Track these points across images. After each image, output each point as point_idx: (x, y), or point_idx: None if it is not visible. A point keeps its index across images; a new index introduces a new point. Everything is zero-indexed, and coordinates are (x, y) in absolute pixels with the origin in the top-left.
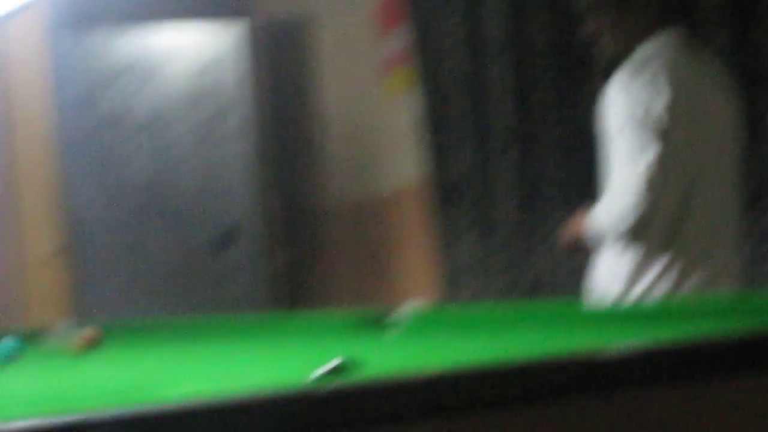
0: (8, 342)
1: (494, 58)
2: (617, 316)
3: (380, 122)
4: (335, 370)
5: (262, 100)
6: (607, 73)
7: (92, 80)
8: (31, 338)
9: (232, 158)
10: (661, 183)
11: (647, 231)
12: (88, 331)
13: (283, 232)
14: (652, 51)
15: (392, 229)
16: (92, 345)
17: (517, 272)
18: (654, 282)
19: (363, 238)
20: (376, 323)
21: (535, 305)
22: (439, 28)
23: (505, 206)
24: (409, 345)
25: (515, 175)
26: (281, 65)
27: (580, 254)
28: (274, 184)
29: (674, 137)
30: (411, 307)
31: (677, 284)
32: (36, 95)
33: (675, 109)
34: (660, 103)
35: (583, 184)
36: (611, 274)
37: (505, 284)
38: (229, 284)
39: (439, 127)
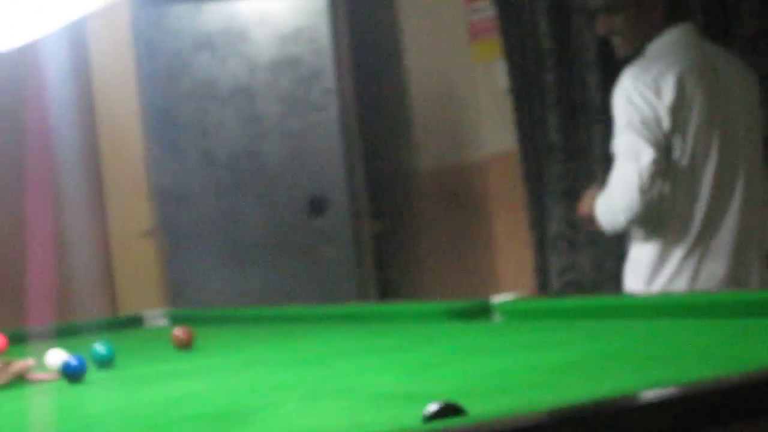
0: (99, 349)
1: (580, 29)
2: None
3: (468, 90)
4: (447, 410)
5: (348, 68)
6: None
7: (177, 53)
8: (126, 325)
9: (319, 127)
10: (654, 186)
11: (664, 225)
12: (180, 332)
13: (372, 201)
14: (662, 47)
15: (481, 197)
16: (185, 346)
17: (604, 245)
18: (672, 275)
19: (451, 206)
20: (475, 312)
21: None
22: None
23: (591, 180)
24: (511, 335)
25: (601, 149)
26: (367, 33)
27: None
28: (361, 152)
29: (684, 135)
30: (510, 296)
31: (694, 278)
32: (121, 69)
33: (679, 109)
34: (663, 104)
35: None
36: (634, 265)
37: (593, 257)
38: (318, 253)
39: (526, 97)
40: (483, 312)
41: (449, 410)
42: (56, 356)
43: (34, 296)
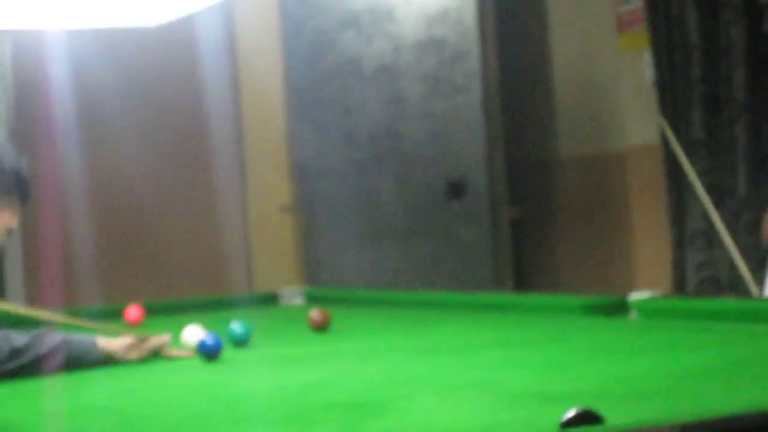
0: (236, 328)
1: (727, 25)
2: None
3: (612, 81)
4: (585, 418)
5: (492, 52)
6: None
7: (323, 30)
8: (262, 302)
9: (461, 109)
10: None
11: None
12: (316, 314)
13: (510, 187)
14: None
15: (620, 188)
16: (320, 329)
17: (745, 243)
18: None
19: (590, 197)
20: (611, 308)
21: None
22: None
23: (734, 176)
24: (647, 335)
25: (745, 146)
26: (513, 17)
27: None
28: (502, 137)
29: None
30: (647, 294)
31: None
32: (267, 45)
33: None
34: None
35: None
36: None
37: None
38: (455, 237)
39: (671, 91)
40: (619, 308)
41: (587, 418)
42: (193, 333)
43: (176, 270)
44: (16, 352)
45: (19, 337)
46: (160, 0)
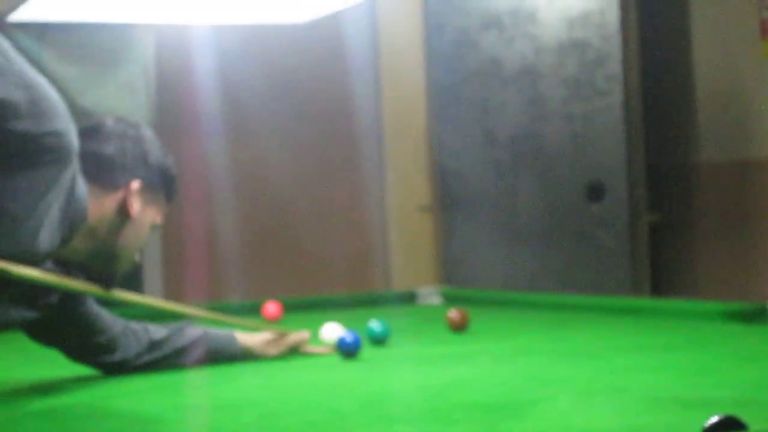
0: (375, 327)
1: None
2: None
3: (756, 87)
4: (728, 424)
5: (635, 56)
6: None
7: (465, 31)
8: (399, 301)
9: (602, 112)
10: None
11: None
12: (455, 314)
13: (650, 191)
14: None
15: (762, 196)
16: (459, 329)
17: None
18: None
19: (731, 203)
20: (751, 315)
21: None
22: None
23: None
24: None
25: None
26: (656, 21)
27: None
28: (643, 141)
29: None
30: None
31: None
32: (409, 44)
33: None
34: None
35: None
36: None
37: None
38: (593, 240)
39: None
40: (759, 315)
41: (730, 424)
42: (331, 330)
43: (315, 267)
44: (155, 344)
45: (158, 330)
46: None
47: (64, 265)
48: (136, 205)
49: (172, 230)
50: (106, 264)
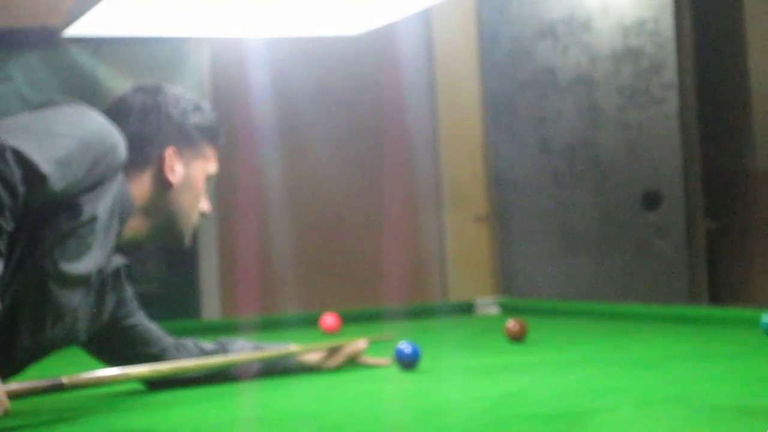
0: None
1: None
2: None
3: None
4: None
5: (690, 63)
6: None
7: (519, 40)
8: (457, 311)
9: (658, 120)
10: None
11: None
12: (513, 325)
13: (707, 198)
14: None
15: None
16: (517, 339)
17: None
18: None
19: None
20: None
21: None
22: None
23: None
24: None
25: None
26: (711, 29)
27: None
28: (699, 148)
29: None
30: None
31: None
32: (464, 54)
33: None
34: None
35: None
36: None
37: None
38: (650, 248)
39: None
40: None
41: None
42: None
43: (372, 278)
44: (207, 356)
45: (207, 344)
46: (361, 10)
47: (133, 247)
48: (177, 170)
49: (228, 243)
50: (169, 235)
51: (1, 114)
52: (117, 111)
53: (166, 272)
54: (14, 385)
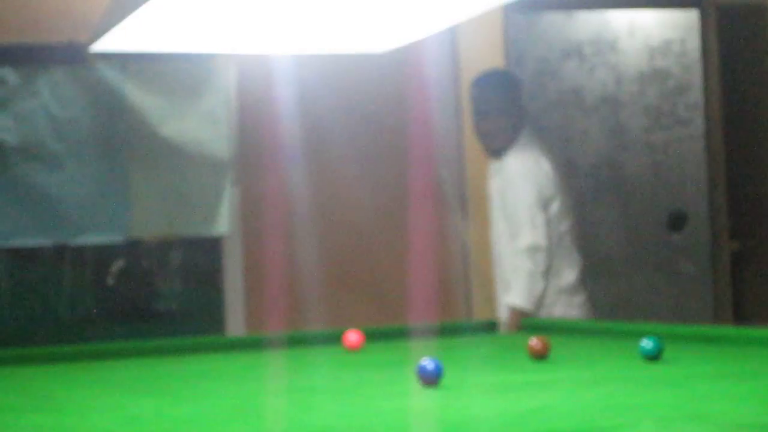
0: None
1: None
2: None
3: None
4: None
5: (716, 85)
6: None
7: (546, 60)
8: (481, 330)
9: (683, 141)
10: None
11: None
12: (536, 342)
13: (732, 219)
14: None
15: None
16: (540, 357)
17: None
18: None
19: None
20: None
21: None
22: None
23: None
24: None
25: None
26: (737, 50)
27: None
28: (724, 169)
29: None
30: None
31: None
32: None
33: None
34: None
35: None
36: None
37: None
38: (674, 269)
39: None
40: None
41: None
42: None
43: (396, 296)
44: None
45: None
46: (388, 27)
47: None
48: None
49: (254, 259)
50: None
51: (28, 130)
52: None
53: (190, 288)
54: None
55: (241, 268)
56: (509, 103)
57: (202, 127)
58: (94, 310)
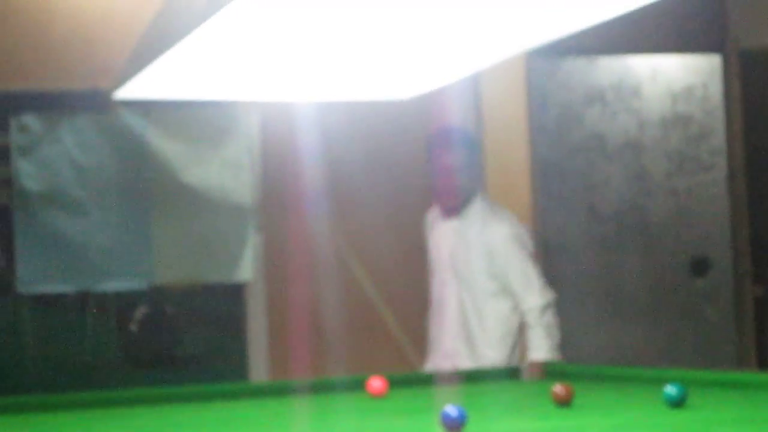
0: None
1: None
2: None
3: None
4: None
5: (738, 129)
6: None
7: (568, 105)
8: (504, 377)
9: (706, 186)
10: None
11: None
12: (560, 389)
13: (755, 263)
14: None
15: None
16: (564, 404)
17: None
18: None
19: None
20: None
21: None
22: None
23: None
24: None
25: None
26: (756, 96)
27: None
28: (747, 214)
29: None
30: None
31: None
32: (512, 119)
33: None
34: None
35: None
36: None
37: None
38: (698, 314)
39: None
40: None
41: None
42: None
43: (419, 342)
44: None
45: None
46: (410, 74)
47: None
48: None
49: (277, 305)
50: None
51: (51, 176)
52: None
53: (214, 334)
54: None
55: (264, 314)
56: (471, 160)
57: (225, 174)
58: (118, 356)
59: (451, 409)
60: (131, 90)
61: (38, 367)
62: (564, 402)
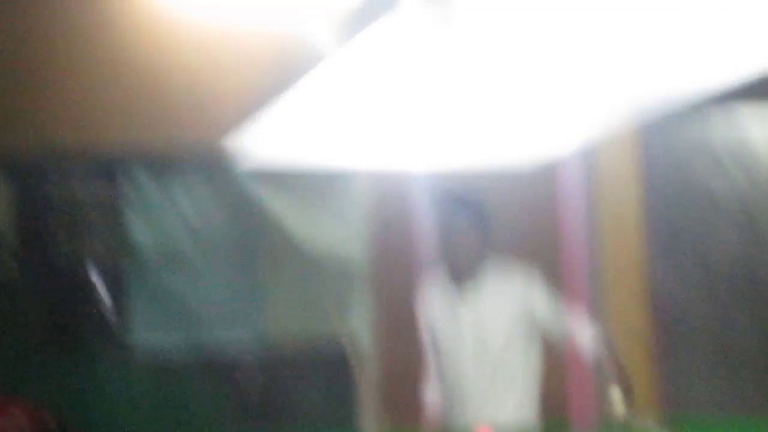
0: None
1: None
2: None
3: None
4: None
5: None
6: None
7: (682, 160)
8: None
9: None
10: None
11: None
12: None
13: None
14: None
15: None
16: None
17: None
18: None
19: None
20: None
21: None
22: None
23: None
24: None
25: None
26: None
27: None
28: None
29: None
30: None
31: None
32: (625, 173)
33: None
34: None
35: None
36: None
37: None
38: None
39: None
40: None
41: None
42: None
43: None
44: None
45: None
46: (531, 145)
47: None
48: None
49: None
50: None
51: (163, 236)
52: None
53: (324, 391)
54: None
55: (375, 377)
56: (484, 224)
57: (338, 242)
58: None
59: None
60: (252, 161)
61: (153, 428)
62: None
